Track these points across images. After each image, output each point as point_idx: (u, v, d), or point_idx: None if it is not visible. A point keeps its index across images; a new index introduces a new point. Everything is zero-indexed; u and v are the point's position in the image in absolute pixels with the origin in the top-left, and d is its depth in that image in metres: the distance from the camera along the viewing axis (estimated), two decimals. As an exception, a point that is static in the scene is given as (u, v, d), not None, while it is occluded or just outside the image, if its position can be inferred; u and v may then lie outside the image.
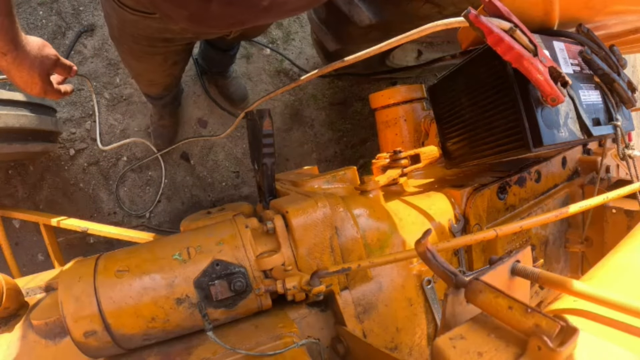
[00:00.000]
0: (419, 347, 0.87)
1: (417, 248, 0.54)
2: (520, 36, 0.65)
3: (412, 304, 0.87)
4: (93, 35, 1.81)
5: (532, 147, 0.79)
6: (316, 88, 2.21)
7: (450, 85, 1.01)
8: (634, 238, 0.76)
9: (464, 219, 1.01)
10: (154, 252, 0.70)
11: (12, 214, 1.57)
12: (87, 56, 1.80)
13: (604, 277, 0.63)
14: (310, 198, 0.78)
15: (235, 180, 2.05)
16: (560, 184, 1.26)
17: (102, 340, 0.64)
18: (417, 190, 1.12)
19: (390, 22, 1.23)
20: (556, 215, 0.66)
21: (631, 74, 3.54)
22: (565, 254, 1.29)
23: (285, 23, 2.15)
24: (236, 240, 0.71)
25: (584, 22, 0.91)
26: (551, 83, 0.68)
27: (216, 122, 2.00)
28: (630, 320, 0.47)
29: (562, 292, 0.53)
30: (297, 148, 2.18)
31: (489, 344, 0.40)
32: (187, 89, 1.95)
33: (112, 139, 1.82)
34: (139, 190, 1.90)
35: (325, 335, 0.77)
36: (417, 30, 0.65)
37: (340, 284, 0.79)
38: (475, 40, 0.97)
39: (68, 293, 0.63)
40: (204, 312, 0.67)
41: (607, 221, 1.19)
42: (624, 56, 0.95)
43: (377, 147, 1.67)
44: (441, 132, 1.09)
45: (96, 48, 1.81)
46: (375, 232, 0.85)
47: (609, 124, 0.88)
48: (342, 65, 0.76)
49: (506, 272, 0.55)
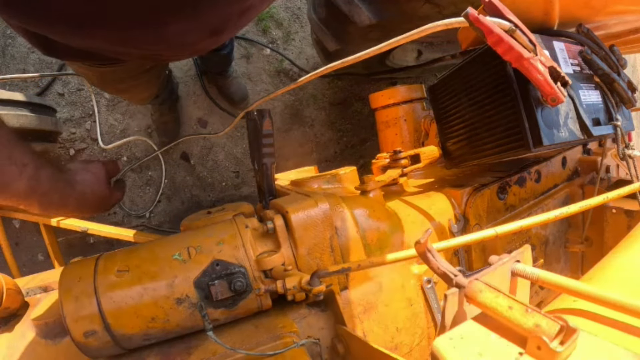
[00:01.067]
0: (419, 347, 0.87)
1: (417, 248, 0.54)
2: (520, 36, 0.65)
3: (412, 304, 0.87)
4: (93, 35, 1.80)
5: (532, 147, 0.79)
6: (316, 88, 2.21)
7: (450, 85, 1.01)
8: (634, 238, 0.76)
9: (464, 219, 1.01)
10: (154, 252, 0.70)
11: (12, 214, 1.57)
12: (87, 56, 1.80)
13: (604, 277, 0.63)
14: (310, 198, 0.78)
15: (235, 180, 2.05)
16: (560, 184, 1.26)
17: (102, 340, 0.64)
18: (417, 190, 1.12)
19: (390, 22, 1.23)
20: (556, 215, 0.66)
21: (631, 74, 3.54)
22: (565, 254, 1.29)
23: (285, 23, 2.15)
24: (236, 240, 0.71)
25: (584, 22, 0.91)
26: (551, 83, 0.68)
27: (216, 122, 2.00)
28: (630, 320, 0.47)
29: (562, 292, 0.53)
30: (297, 148, 2.18)
31: (489, 344, 0.40)
32: (187, 89, 1.95)
33: (112, 139, 1.82)
34: (139, 190, 1.90)
35: (325, 335, 0.77)
36: (417, 30, 0.65)
37: (340, 284, 0.79)
38: (475, 40, 0.97)
39: (68, 293, 0.63)
40: (204, 312, 0.66)
41: (607, 221, 1.19)
42: (624, 56, 0.95)
43: (377, 147, 1.67)
44: (441, 132, 1.09)
45: (96, 48, 1.81)
46: (375, 232, 0.85)
47: (609, 124, 0.88)
48: (342, 65, 0.76)
49: (506, 272, 0.55)
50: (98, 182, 0.76)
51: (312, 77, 0.85)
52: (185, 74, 1.95)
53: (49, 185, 0.64)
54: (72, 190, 0.69)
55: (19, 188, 0.59)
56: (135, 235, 1.41)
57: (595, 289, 0.48)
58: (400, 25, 1.16)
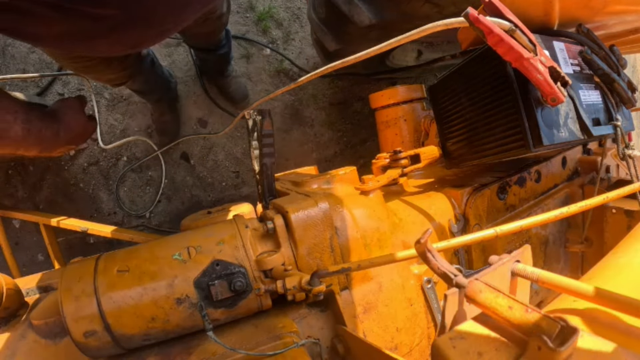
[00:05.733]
0: (419, 347, 0.87)
1: (417, 248, 0.54)
2: (520, 36, 0.65)
3: (412, 304, 0.87)
4: (93, 35, 1.80)
5: (532, 147, 0.79)
6: (316, 88, 2.21)
7: (450, 85, 1.01)
8: (634, 238, 0.76)
9: (464, 219, 1.01)
10: (154, 252, 0.70)
11: (12, 214, 1.57)
12: (87, 56, 1.80)
13: (604, 277, 0.63)
14: (310, 198, 0.78)
15: (235, 180, 2.05)
16: (560, 184, 1.26)
17: (102, 340, 0.64)
18: (417, 190, 1.12)
19: (390, 22, 1.23)
20: (556, 215, 0.66)
21: (631, 74, 3.55)
22: (565, 254, 1.29)
23: (285, 23, 2.15)
24: (236, 240, 0.71)
25: (584, 22, 0.91)
26: (551, 83, 0.68)
27: (216, 122, 2.00)
28: (630, 320, 0.47)
29: (562, 292, 0.53)
30: (297, 148, 2.18)
31: (489, 344, 0.40)
32: (187, 89, 1.95)
33: (112, 139, 1.82)
34: (139, 190, 1.90)
35: (325, 335, 0.77)
36: (417, 30, 0.65)
37: (340, 284, 0.79)
38: (475, 40, 0.97)
39: (68, 293, 0.63)
40: (204, 312, 0.66)
41: (607, 221, 1.19)
42: (624, 56, 0.95)
43: (377, 147, 1.67)
44: (441, 132, 1.09)
45: (96, 48, 1.81)
46: (375, 232, 0.85)
47: (609, 124, 0.88)
48: (342, 65, 0.76)
49: (506, 272, 0.55)
50: (78, 112, 0.90)
51: (312, 77, 0.85)
52: (185, 74, 1.95)
53: (40, 124, 0.75)
54: (60, 124, 0.81)
55: (17, 132, 0.70)
56: (135, 235, 1.41)
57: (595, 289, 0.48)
58: (400, 25, 1.16)
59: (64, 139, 0.85)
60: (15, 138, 0.71)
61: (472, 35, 0.95)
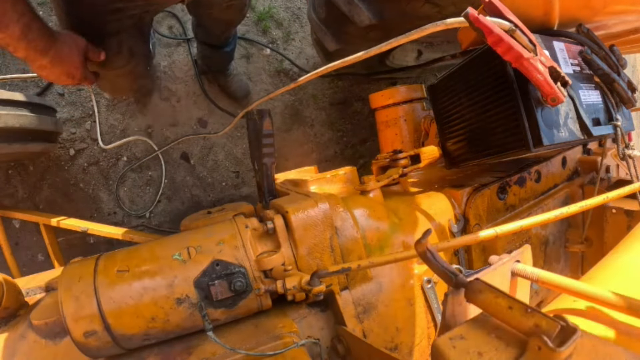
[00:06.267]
0: (419, 347, 0.87)
1: (417, 248, 0.54)
2: (520, 36, 0.65)
3: (412, 304, 0.87)
4: (93, 35, 1.80)
5: (532, 147, 0.79)
6: (316, 88, 2.21)
7: (450, 85, 1.01)
8: (634, 238, 0.76)
9: (464, 219, 1.01)
10: (154, 252, 0.70)
11: (12, 214, 1.57)
12: (87, 56, 1.80)
13: (604, 277, 0.63)
14: (310, 198, 0.78)
15: (235, 180, 2.05)
16: (560, 184, 1.26)
17: (102, 340, 0.64)
18: (417, 190, 1.12)
19: (390, 22, 1.23)
20: (556, 215, 0.66)
21: (631, 74, 3.55)
22: (565, 254, 1.29)
23: (285, 23, 2.15)
24: (236, 240, 0.71)
25: (584, 22, 0.91)
26: (551, 83, 0.68)
27: (216, 122, 2.00)
28: (630, 320, 0.47)
29: (562, 292, 0.53)
30: (297, 148, 2.18)
31: (489, 344, 0.40)
32: (187, 89, 1.95)
33: (112, 139, 1.82)
34: (139, 190, 1.90)
35: (325, 335, 0.77)
36: (417, 30, 0.65)
37: (340, 284, 0.79)
38: (475, 40, 0.97)
39: (68, 293, 0.63)
40: (204, 312, 0.66)
41: (607, 221, 1.19)
42: (624, 56, 0.95)
43: (377, 147, 1.67)
44: (441, 132, 1.09)
45: (96, 48, 1.81)
46: (375, 232, 0.85)
47: (609, 124, 0.88)
48: (342, 65, 0.76)
49: (506, 272, 0.55)
50: (76, 47, 0.90)
51: (312, 77, 0.85)
52: (185, 74, 1.95)
53: (37, 34, 0.79)
54: (53, 44, 0.83)
55: (14, 31, 0.74)
56: (135, 235, 1.41)
57: (595, 289, 0.48)
58: (400, 25, 1.16)
59: (51, 58, 0.85)
60: (11, 35, 0.75)
61: (472, 35, 0.95)
